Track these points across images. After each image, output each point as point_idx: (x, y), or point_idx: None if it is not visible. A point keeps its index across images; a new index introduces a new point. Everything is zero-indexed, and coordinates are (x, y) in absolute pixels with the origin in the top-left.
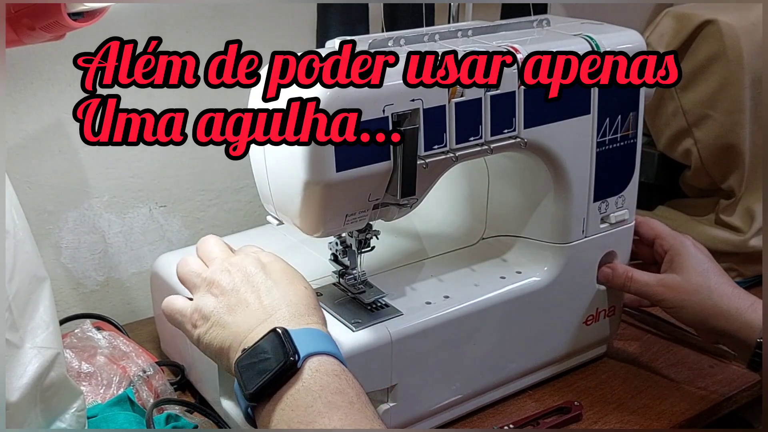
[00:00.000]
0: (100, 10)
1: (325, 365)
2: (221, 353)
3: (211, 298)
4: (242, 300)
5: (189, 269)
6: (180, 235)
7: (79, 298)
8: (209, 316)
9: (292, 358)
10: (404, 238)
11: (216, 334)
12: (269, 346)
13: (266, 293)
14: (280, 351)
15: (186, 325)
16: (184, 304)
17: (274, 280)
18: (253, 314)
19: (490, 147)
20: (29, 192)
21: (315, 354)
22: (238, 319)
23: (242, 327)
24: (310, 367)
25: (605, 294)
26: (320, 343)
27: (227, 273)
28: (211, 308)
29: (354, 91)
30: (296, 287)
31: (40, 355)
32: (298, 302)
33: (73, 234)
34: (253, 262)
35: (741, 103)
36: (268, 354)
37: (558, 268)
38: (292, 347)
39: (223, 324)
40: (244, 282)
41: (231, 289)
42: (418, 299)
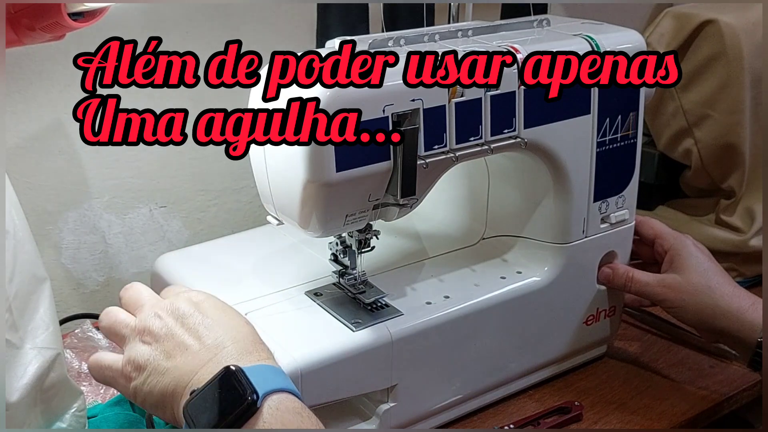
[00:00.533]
0: (100, 10)
1: (285, 403)
2: (163, 401)
3: (143, 346)
4: (180, 343)
5: (115, 320)
6: (180, 236)
7: (79, 299)
8: (144, 366)
9: (251, 398)
10: (404, 238)
11: (155, 383)
12: (222, 386)
13: (206, 333)
14: (236, 390)
15: (118, 380)
16: (113, 357)
17: (211, 318)
18: (195, 355)
19: (490, 147)
20: (29, 192)
21: (273, 392)
22: (179, 362)
23: (185, 369)
24: (269, 405)
25: (605, 294)
26: (276, 379)
27: (158, 318)
28: (146, 357)
29: (354, 91)
30: (236, 323)
31: (41, 356)
32: (243, 338)
33: (74, 234)
34: (184, 302)
35: (741, 103)
36: (221, 395)
37: (558, 268)
38: (249, 386)
39: (162, 371)
40: (179, 325)
41: (165, 334)
42: (419, 299)
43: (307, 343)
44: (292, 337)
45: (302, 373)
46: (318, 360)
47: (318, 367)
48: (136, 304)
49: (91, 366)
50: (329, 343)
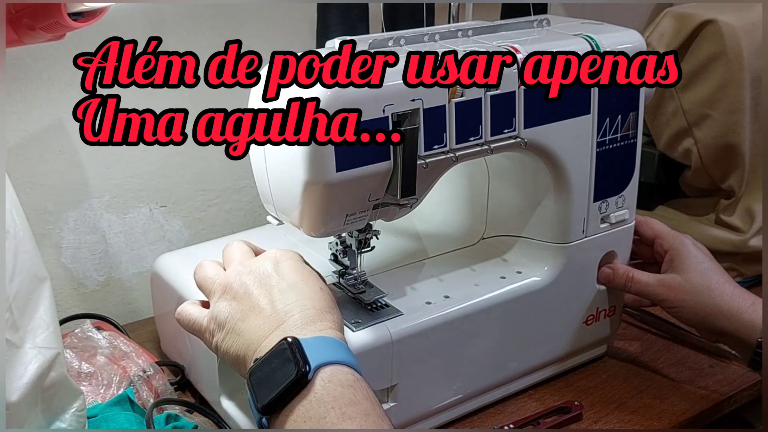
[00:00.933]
0: (100, 10)
1: (338, 375)
2: (238, 362)
3: (225, 303)
4: (255, 305)
5: (204, 275)
6: (180, 235)
7: (79, 298)
8: (224, 324)
9: (302, 370)
10: (404, 238)
11: (232, 342)
12: (280, 357)
13: (279, 296)
14: (290, 363)
15: (203, 334)
16: (198, 313)
17: (288, 281)
18: (266, 321)
19: (490, 147)
20: (29, 192)
21: (327, 364)
22: (252, 325)
23: (256, 334)
24: (322, 377)
25: (605, 294)
26: (332, 352)
27: (240, 276)
28: (225, 315)
29: (354, 91)
30: (311, 288)
31: (41, 355)
32: (312, 306)
33: (74, 234)
34: (269, 262)
35: (741, 103)
36: (278, 366)
37: (558, 268)
38: (302, 358)
39: (238, 331)
40: (257, 285)
41: (244, 293)
42: (419, 299)
43: None
44: None
45: None
46: None
47: None
48: (228, 259)
49: (179, 316)
50: None
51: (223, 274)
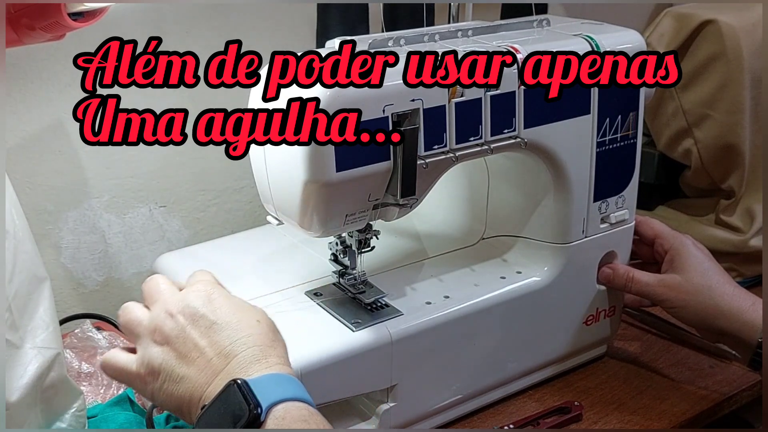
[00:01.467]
0: (100, 10)
1: (291, 412)
2: (181, 410)
3: (156, 349)
4: (192, 348)
5: (129, 317)
6: (180, 235)
7: (79, 298)
8: (158, 371)
9: (254, 412)
10: (404, 238)
11: (172, 391)
12: (229, 401)
13: (217, 337)
14: (242, 405)
15: (135, 382)
16: (126, 359)
17: (223, 319)
18: (207, 364)
19: (490, 147)
20: (29, 192)
21: (278, 402)
22: (192, 371)
23: (198, 381)
24: (275, 416)
25: (605, 294)
26: (282, 389)
27: (169, 317)
28: (159, 361)
29: (354, 91)
30: (248, 323)
31: (40, 355)
32: (254, 343)
33: (73, 234)
34: (199, 299)
35: (741, 103)
36: (228, 410)
37: (558, 268)
38: (253, 400)
39: (176, 378)
40: (191, 326)
41: (177, 336)
42: (418, 299)
43: (307, 343)
44: (291, 337)
45: (302, 373)
46: (318, 360)
47: (318, 367)
48: (152, 298)
49: (105, 366)
50: (329, 343)
51: (149, 315)
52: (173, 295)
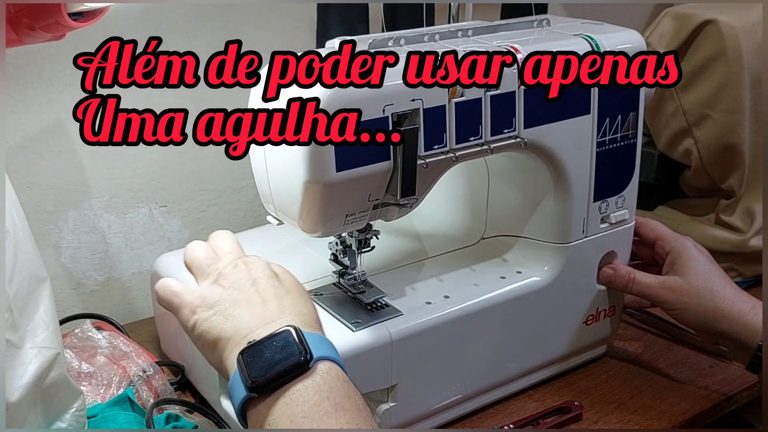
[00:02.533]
0: (100, 10)
1: (335, 370)
2: (217, 343)
3: (218, 288)
4: (250, 299)
5: (198, 255)
6: (180, 235)
7: (79, 298)
8: (214, 305)
9: (304, 357)
10: (404, 238)
11: (217, 323)
12: (281, 342)
13: (276, 299)
14: (293, 348)
15: (183, 309)
16: (182, 287)
17: (286, 288)
18: (260, 313)
19: (490, 147)
20: (29, 192)
21: (326, 359)
22: (245, 314)
23: (248, 322)
24: (321, 368)
25: (605, 294)
26: (331, 350)
27: (239, 269)
28: (217, 297)
29: (354, 91)
30: (306, 301)
31: (40, 355)
32: (309, 314)
33: (73, 234)
34: (264, 267)
35: (741, 103)
36: (278, 349)
37: (558, 268)
38: (305, 346)
39: (227, 315)
40: (254, 283)
41: (240, 285)
42: (418, 299)
43: None
44: None
45: None
46: None
47: None
48: (221, 248)
49: (160, 287)
50: None
51: (217, 261)
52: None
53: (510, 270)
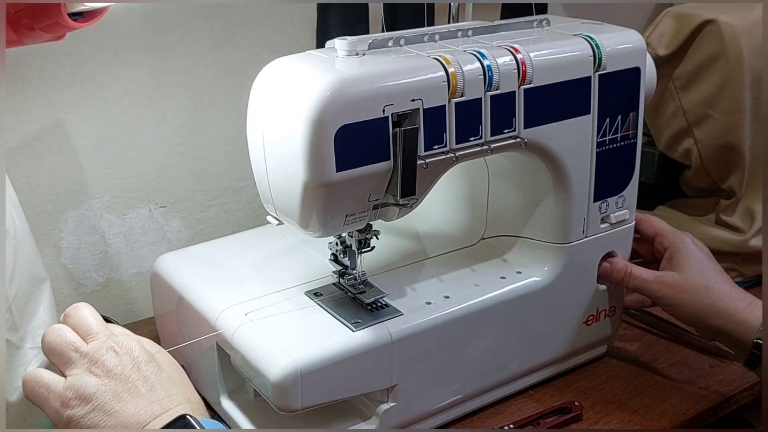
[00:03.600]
0: (100, 10)
1: None
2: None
3: (92, 378)
4: (132, 388)
5: (63, 339)
6: (180, 236)
7: (79, 299)
8: (90, 399)
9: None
10: (404, 238)
11: (97, 421)
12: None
13: (160, 386)
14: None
15: (51, 402)
16: (53, 377)
17: (167, 373)
18: (147, 405)
19: (490, 147)
20: (29, 192)
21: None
22: (129, 408)
23: (134, 418)
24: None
25: (606, 294)
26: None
27: (114, 354)
28: (92, 390)
29: (354, 91)
30: (189, 384)
31: (41, 356)
32: (196, 401)
33: (73, 234)
34: (140, 349)
35: (741, 103)
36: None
37: (558, 268)
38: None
39: (109, 411)
40: (135, 369)
41: (119, 373)
42: (418, 299)
43: (307, 343)
44: (292, 337)
45: (302, 373)
46: (318, 360)
47: (318, 367)
48: (87, 329)
49: (26, 379)
50: (329, 343)
51: (86, 345)
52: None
53: (510, 270)
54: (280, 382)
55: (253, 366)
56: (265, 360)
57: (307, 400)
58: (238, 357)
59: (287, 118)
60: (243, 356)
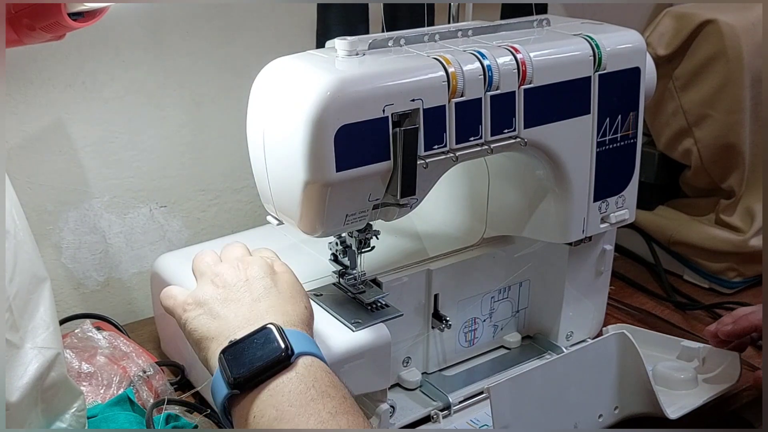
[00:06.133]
0: (100, 10)
1: (318, 363)
2: (202, 342)
3: (211, 287)
4: (240, 297)
5: (203, 259)
6: (180, 235)
7: (79, 298)
8: (202, 303)
9: (286, 352)
10: (404, 238)
11: (203, 322)
12: (262, 339)
13: (266, 298)
14: (273, 344)
15: (177, 309)
16: (180, 290)
17: (279, 289)
18: (246, 313)
19: (490, 147)
20: (29, 192)
21: (309, 354)
22: (230, 313)
23: (232, 322)
24: (303, 362)
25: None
26: (313, 347)
27: (235, 269)
28: (207, 296)
29: (354, 91)
30: (297, 302)
31: (41, 355)
32: (295, 315)
33: (74, 234)
34: (263, 266)
35: (741, 103)
36: (259, 346)
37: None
38: (286, 342)
39: (214, 314)
40: (248, 282)
41: (233, 284)
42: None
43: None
44: None
45: None
46: None
47: None
48: (227, 254)
49: (163, 293)
50: (329, 343)
51: (217, 265)
52: (248, 254)
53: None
54: None
55: None
56: None
57: None
58: None
59: (287, 117)
60: None
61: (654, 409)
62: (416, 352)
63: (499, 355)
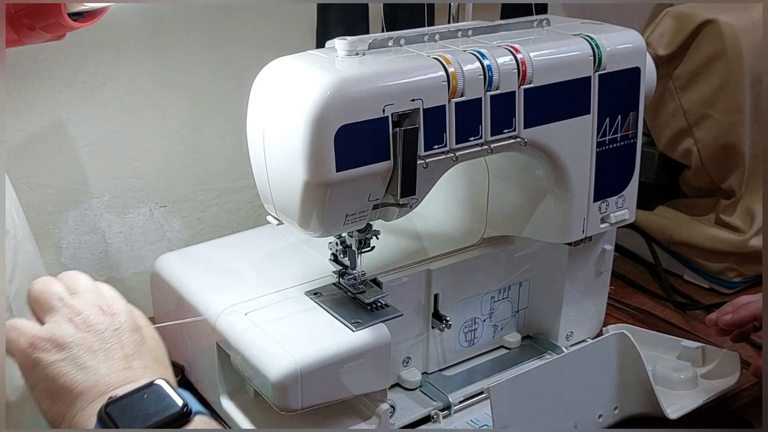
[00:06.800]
0: (100, 10)
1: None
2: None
3: (70, 326)
4: (109, 349)
5: (49, 289)
6: (180, 235)
7: None
8: (64, 347)
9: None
10: (404, 238)
11: (66, 371)
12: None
13: (138, 357)
14: (168, 400)
15: (20, 343)
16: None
17: (148, 347)
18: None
19: (490, 147)
20: (29, 192)
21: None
22: (102, 368)
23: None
24: (201, 420)
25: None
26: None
27: (100, 311)
28: (68, 338)
29: (354, 91)
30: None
31: None
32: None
33: (74, 234)
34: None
35: (741, 103)
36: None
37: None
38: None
39: (80, 365)
40: (116, 333)
41: (100, 330)
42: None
43: (307, 343)
44: (292, 337)
45: (302, 373)
46: (318, 360)
47: (318, 367)
48: (76, 285)
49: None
50: (329, 343)
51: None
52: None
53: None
54: (280, 381)
55: (253, 366)
56: (265, 360)
57: (307, 400)
58: (238, 357)
59: (287, 117)
60: (243, 356)
61: (654, 409)
62: (416, 352)
63: (499, 355)
